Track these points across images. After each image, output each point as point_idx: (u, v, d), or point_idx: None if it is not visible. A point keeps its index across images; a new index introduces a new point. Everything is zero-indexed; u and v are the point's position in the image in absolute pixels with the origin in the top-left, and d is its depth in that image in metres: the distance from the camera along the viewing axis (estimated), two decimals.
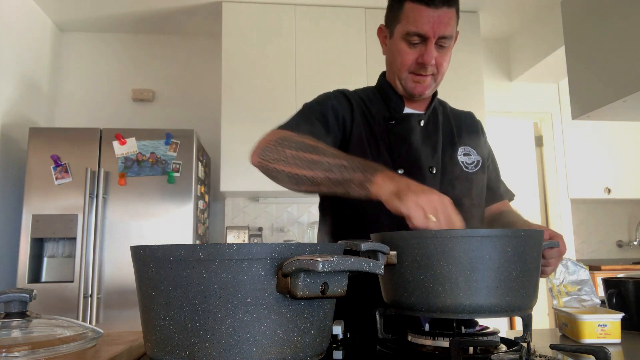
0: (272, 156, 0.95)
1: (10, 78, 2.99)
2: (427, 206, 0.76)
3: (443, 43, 1.05)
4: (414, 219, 0.75)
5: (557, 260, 0.94)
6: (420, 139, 1.12)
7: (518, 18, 3.66)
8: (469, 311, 0.71)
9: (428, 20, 1.01)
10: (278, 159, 0.94)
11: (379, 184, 0.82)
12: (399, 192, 0.79)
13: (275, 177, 0.96)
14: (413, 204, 0.76)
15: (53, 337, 0.67)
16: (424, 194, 0.77)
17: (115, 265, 2.63)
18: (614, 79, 2.35)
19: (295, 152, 0.92)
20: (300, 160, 0.91)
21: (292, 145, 0.94)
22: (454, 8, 1.04)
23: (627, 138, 3.97)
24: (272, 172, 0.96)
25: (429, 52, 1.04)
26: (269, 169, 0.96)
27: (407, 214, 0.76)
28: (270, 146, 0.96)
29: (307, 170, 0.90)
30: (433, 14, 1.01)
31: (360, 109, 1.15)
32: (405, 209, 0.76)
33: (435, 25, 1.02)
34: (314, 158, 0.90)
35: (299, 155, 0.91)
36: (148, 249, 0.54)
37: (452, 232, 0.72)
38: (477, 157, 1.17)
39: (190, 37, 3.78)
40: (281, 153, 0.94)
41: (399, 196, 0.78)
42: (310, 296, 0.50)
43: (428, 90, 1.11)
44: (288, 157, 0.92)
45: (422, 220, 0.75)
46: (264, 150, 0.97)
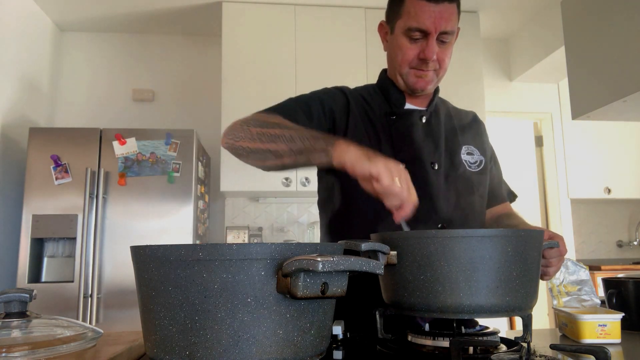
0: (238, 134, 1.00)
1: (10, 78, 2.99)
2: (394, 169, 0.80)
3: (444, 38, 1.05)
4: (383, 178, 0.78)
5: (558, 260, 0.94)
6: (422, 134, 1.11)
7: (518, 18, 3.66)
8: (469, 311, 0.71)
9: (429, 16, 1.01)
10: (243, 137, 0.98)
11: (342, 149, 0.85)
12: (368, 155, 0.82)
13: (241, 154, 1.01)
14: (383, 165, 0.79)
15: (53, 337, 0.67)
16: (391, 161, 0.81)
17: (115, 265, 2.63)
18: (614, 79, 2.35)
19: (260, 129, 0.96)
20: (264, 135, 0.95)
21: (257, 124, 0.98)
22: (455, 3, 1.04)
23: (627, 138, 3.97)
24: (238, 150, 1.00)
25: (431, 47, 1.04)
26: (236, 147, 1.00)
27: (376, 173, 0.78)
28: (237, 126, 1.01)
29: (270, 144, 0.93)
30: (434, 9, 1.01)
31: (359, 105, 1.14)
32: (375, 169, 0.79)
33: (436, 21, 1.02)
34: (277, 132, 0.94)
35: (263, 132, 0.96)
36: (148, 249, 0.54)
37: (452, 232, 0.72)
38: (480, 157, 1.17)
39: (190, 37, 3.78)
40: (246, 131, 0.98)
41: (369, 158, 0.81)
42: (310, 296, 0.50)
43: (430, 85, 1.10)
44: (253, 134, 0.97)
45: (390, 181, 0.78)
46: (231, 130, 1.02)
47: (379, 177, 0.78)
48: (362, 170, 0.81)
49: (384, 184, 0.78)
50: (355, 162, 0.82)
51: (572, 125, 3.89)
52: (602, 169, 3.89)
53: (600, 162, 3.90)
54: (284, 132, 0.93)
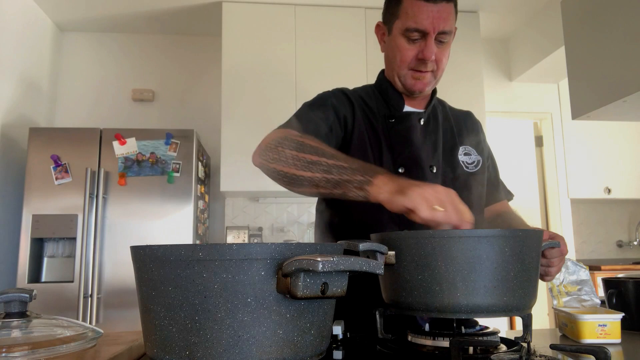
0: (272, 156, 0.94)
1: (10, 78, 2.99)
2: (432, 197, 0.75)
3: (442, 38, 1.04)
4: (420, 210, 0.73)
5: (559, 260, 0.94)
6: (421, 137, 1.11)
7: (518, 18, 3.66)
8: (467, 311, 0.71)
9: (428, 16, 1.01)
10: (277, 159, 0.93)
11: (379, 185, 0.81)
12: (401, 188, 0.77)
13: (275, 177, 0.96)
14: (418, 196, 0.74)
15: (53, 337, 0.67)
16: (429, 187, 0.76)
17: (115, 265, 2.63)
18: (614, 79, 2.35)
19: (295, 153, 0.91)
20: (299, 160, 0.90)
21: (292, 146, 0.93)
22: (452, 3, 1.04)
23: (627, 138, 3.97)
24: (272, 173, 0.95)
25: (429, 47, 1.03)
26: (270, 170, 0.95)
27: (412, 207, 0.74)
28: (270, 146, 0.96)
29: (306, 171, 0.89)
30: (432, 9, 1.01)
31: (360, 107, 1.14)
32: (410, 202, 0.74)
33: (434, 21, 1.01)
34: (313, 159, 0.89)
35: (298, 156, 0.91)
36: (148, 249, 0.54)
37: (450, 232, 0.72)
38: (477, 157, 1.17)
39: (190, 37, 3.78)
40: (281, 153, 0.93)
41: (403, 192, 0.76)
42: (310, 296, 0.50)
43: (428, 87, 1.10)
44: (287, 158, 0.92)
45: (428, 211, 0.73)
46: (264, 150, 0.96)
47: (416, 211, 0.74)
48: (398, 207, 0.77)
49: (423, 217, 0.74)
50: (390, 199, 0.78)
51: (572, 125, 3.89)
52: (602, 169, 3.89)
53: (600, 162, 3.90)
54: (321, 159, 0.88)
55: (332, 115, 1.09)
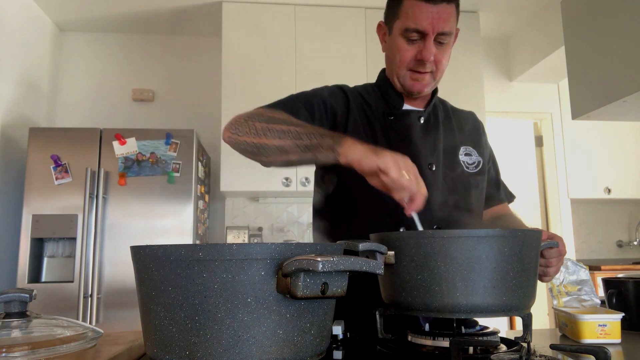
0: (242, 129, 0.97)
1: (10, 78, 2.99)
2: (402, 162, 0.80)
3: (442, 39, 1.04)
4: (391, 170, 0.79)
5: (558, 260, 0.94)
6: (420, 135, 1.11)
7: (518, 18, 3.66)
8: (466, 311, 0.71)
9: (427, 16, 1.01)
10: (247, 132, 0.96)
11: (349, 145, 0.85)
12: (374, 150, 0.83)
13: (245, 149, 0.98)
14: (390, 158, 0.80)
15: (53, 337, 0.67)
16: (399, 154, 0.82)
17: (115, 265, 2.63)
18: (614, 79, 2.35)
19: (265, 124, 0.95)
20: (270, 131, 0.93)
21: (262, 119, 0.97)
22: (453, 4, 1.03)
23: (627, 138, 3.97)
24: (241, 145, 0.98)
25: (428, 48, 1.03)
26: (239, 142, 0.98)
27: (384, 166, 0.79)
28: (240, 120, 0.99)
29: (276, 140, 0.92)
30: (432, 10, 1.01)
31: (358, 104, 1.14)
32: (383, 162, 0.79)
33: (434, 21, 1.01)
34: (283, 128, 0.93)
35: (269, 127, 0.94)
36: (148, 249, 0.54)
37: (449, 233, 0.72)
38: (478, 157, 1.17)
39: (190, 37, 3.78)
40: (251, 126, 0.96)
41: (375, 152, 0.82)
42: (310, 296, 0.50)
43: (427, 88, 1.10)
44: (257, 129, 0.95)
45: (398, 173, 0.79)
46: (234, 125, 0.99)
47: (386, 170, 0.79)
48: (369, 165, 0.81)
49: (392, 176, 0.79)
50: (363, 157, 0.82)
51: (572, 125, 3.89)
52: (602, 169, 3.89)
53: (600, 162, 3.90)
54: (290, 128, 0.92)
55: (318, 103, 1.10)
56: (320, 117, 1.09)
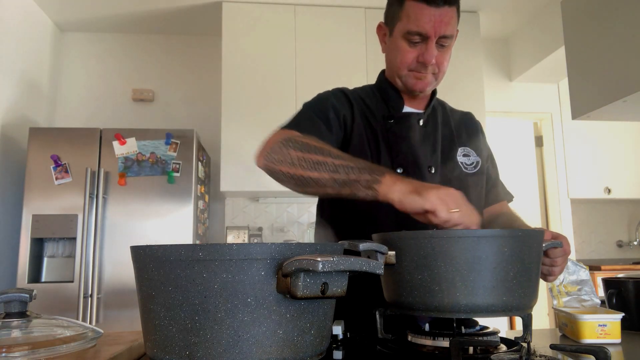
0: (277, 158, 0.93)
1: (10, 78, 2.99)
2: (448, 199, 0.77)
3: (444, 42, 1.04)
4: (440, 211, 0.75)
5: (562, 260, 0.94)
6: (420, 138, 1.11)
7: (518, 18, 3.66)
8: (466, 311, 0.71)
9: (429, 19, 1.00)
10: (283, 161, 0.92)
11: (388, 184, 0.82)
12: (417, 189, 0.79)
13: (281, 179, 0.95)
14: (436, 198, 0.76)
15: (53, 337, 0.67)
16: (443, 188, 0.78)
17: (115, 265, 2.63)
18: (614, 79, 2.35)
19: (301, 154, 0.91)
20: (306, 161, 0.90)
21: (297, 147, 0.93)
22: (455, 7, 1.03)
23: (627, 138, 3.97)
24: (277, 175, 0.95)
25: (430, 51, 1.03)
26: (275, 171, 0.95)
27: (431, 208, 0.76)
28: (275, 148, 0.95)
29: (313, 172, 0.89)
30: (434, 13, 1.00)
31: (360, 108, 1.14)
32: (429, 204, 0.76)
33: (436, 25, 1.01)
34: (319, 159, 0.89)
35: (304, 157, 0.90)
36: (148, 249, 0.54)
37: (449, 233, 0.72)
38: (476, 158, 1.17)
39: (190, 37, 3.78)
40: (286, 155, 0.92)
41: (419, 193, 0.78)
42: (310, 296, 0.50)
43: (429, 87, 1.10)
44: (293, 159, 0.91)
45: (447, 213, 0.76)
46: (268, 152, 0.96)
47: (435, 212, 0.76)
48: (414, 208, 0.78)
49: (442, 218, 0.76)
50: (405, 199, 0.79)
51: (572, 125, 3.89)
52: (602, 169, 3.89)
53: (600, 162, 3.90)
54: (327, 159, 0.89)
55: (332, 115, 1.09)
56: (337, 130, 1.09)
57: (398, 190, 0.80)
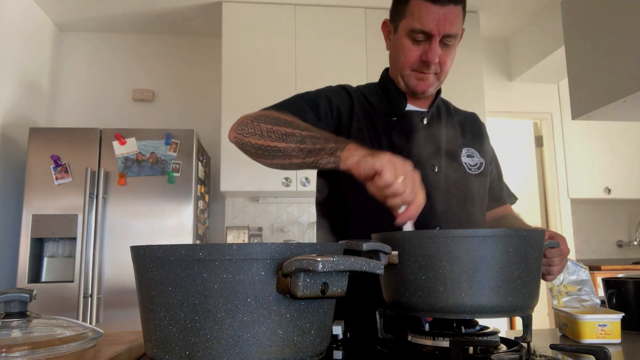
0: (247, 130, 0.97)
1: (10, 78, 2.99)
2: (399, 166, 0.77)
3: (448, 41, 1.03)
4: (385, 173, 0.75)
5: (561, 260, 0.94)
6: (423, 136, 1.11)
7: (518, 18, 3.66)
8: (471, 311, 0.71)
9: (433, 18, 1.00)
10: (252, 133, 0.96)
11: (350, 150, 0.83)
12: (372, 152, 0.80)
13: (249, 150, 0.98)
14: (387, 160, 0.77)
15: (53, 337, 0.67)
16: (398, 158, 0.79)
17: (115, 265, 2.63)
18: (614, 79, 2.35)
19: (270, 126, 0.94)
20: (274, 133, 0.93)
21: (267, 120, 0.96)
22: (460, 5, 1.02)
23: (627, 138, 3.97)
24: (245, 146, 0.98)
25: (433, 50, 1.02)
26: (244, 143, 0.97)
27: (379, 167, 0.76)
28: (247, 121, 0.98)
29: (280, 142, 0.91)
30: (439, 11, 0.99)
31: (361, 104, 1.13)
32: (379, 164, 0.76)
33: (440, 23, 1.00)
34: (288, 131, 0.92)
35: (273, 129, 0.93)
36: (148, 249, 0.54)
37: (454, 232, 0.72)
38: (480, 159, 1.17)
39: (190, 37, 3.78)
40: (256, 127, 0.96)
41: (373, 154, 0.79)
42: (310, 296, 0.50)
43: (431, 88, 1.10)
44: (262, 131, 0.94)
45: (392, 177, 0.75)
46: (240, 125, 0.99)
47: (381, 171, 0.75)
48: (365, 167, 0.78)
49: (385, 178, 0.75)
50: (360, 162, 0.79)
51: (572, 125, 3.89)
52: (602, 169, 3.89)
53: (600, 162, 3.90)
54: (295, 131, 0.91)
55: (323, 104, 1.10)
56: (326, 118, 1.09)
57: (357, 155, 0.81)
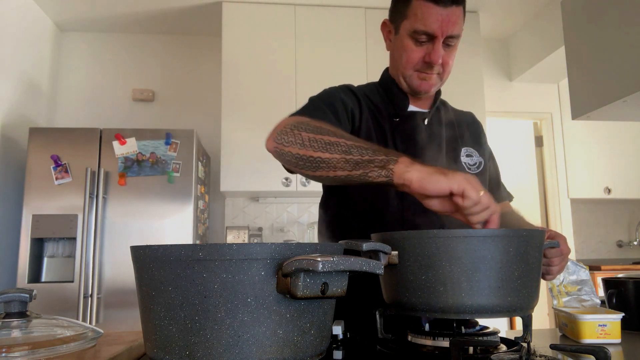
0: (288, 139, 0.89)
1: (10, 78, 2.99)
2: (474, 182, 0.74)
3: (450, 42, 1.03)
4: (470, 192, 0.72)
5: (560, 260, 0.94)
6: (425, 137, 1.11)
7: (518, 18, 3.66)
8: (471, 311, 0.71)
9: (437, 19, 0.99)
10: (293, 142, 0.88)
11: (406, 164, 0.77)
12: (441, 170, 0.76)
13: (289, 161, 0.90)
14: (463, 179, 0.73)
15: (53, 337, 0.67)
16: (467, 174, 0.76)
17: (115, 265, 2.63)
18: (614, 79, 2.35)
19: (312, 135, 0.87)
20: (317, 142, 0.86)
21: (308, 129, 0.89)
22: (461, 6, 1.02)
23: (627, 138, 3.97)
24: (286, 156, 0.90)
25: (437, 51, 1.02)
26: (284, 153, 0.90)
27: (460, 189, 0.73)
28: (286, 130, 0.91)
29: (324, 153, 0.85)
30: (442, 13, 0.99)
31: (367, 105, 1.13)
32: (457, 185, 0.73)
33: (443, 24, 0.99)
34: (332, 140, 0.85)
35: (316, 138, 0.86)
36: (148, 249, 0.54)
37: (454, 232, 0.72)
38: (479, 158, 1.17)
39: (190, 37, 3.78)
40: (297, 136, 0.88)
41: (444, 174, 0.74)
42: (310, 296, 0.50)
43: (434, 87, 1.09)
44: (304, 140, 0.87)
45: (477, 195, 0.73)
46: (279, 134, 0.91)
47: (465, 193, 0.72)
48: (438, 188, 0.73)
49: (472, 199, 0.72)
50: (427, 179, 0.74)
51: (572, 125, 3.89)
52: (602, 169, 3.89)
53: (600, 162, 3.90)
54: (340, 140, 0.84)
55: (340, 108, 1.07)
56: (345, 122, 1.06)
57: (418, 170, 0.76)
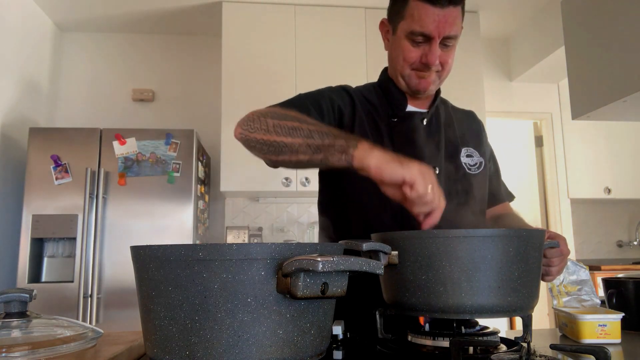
0: (253, 126, 0.94)
1: (10, 78, 2.99)
2: (427, 176, 0.76)
3: (448, 42, 1.03)
4: (419, 185, 0.75)
5: (560, 260, 0.94)
6: (424, 137, 1.10)
7: (518, 18, 3.66)
8: (471, 311, 0.71)
9: (433, 20, 0.99)
10: (258, 129, 0.92)
11: (365, 149, 0.80)
12: (399, 159, 0.78)
13: (254, 147, 0.94)
14: (418, 171, 0.75)
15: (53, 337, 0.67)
16: (424, 165, 0.78)
17: (115, 265, 2.63)
18: (614, 79, 2.35)
19: (277, 121, 0.91)
20: (281, 128, 0.89)
21: (274, 116, 0.93)
22: (459, 6, 1.02)
23: (627, 138, 3.97)
24: (251, 142, 0.94)
25: (433, 52, 1.02)
26: (249, 139, 0.94)
27: (411, 179, 0.75)
28: (253, 117, 0.96)
29: (287, 137, 0.88)
30: (439, 13, 0.99)
31: (363, 105, 1.13)
32: (410, 175, 0.75)
33: (440, 25, 0.99)
34: (295, 125, 0.89)
35: (280, 124, 0.90)
36: (148, 249, 0.54)
37: (454, 232, 0.72)
38: (479, 158, 1.16)
39: (190, 37, 3.78)
40: (262, 122, 0.93)
41: (401, 162, 0.77)
42: (310, 296, 0.50)
43: (432, 86, 1.09)
44: (269, 126, 0.91)
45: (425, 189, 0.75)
46: (246, 121, 0.96)
47: (414, 184, 0.74)
48: (393, 175, 0.76)
49: (419, 192, 0.74)
50: (384, 166, 0.77)
51: (572, 125, 3.89)
52: (602, 169, 3.89)
53: (600, 162, 3.90)
54: (302, 125, 0.88)
55: (325, 103, 1.08)
56: (329, 118, 1.07)
57: (376, 157, 0.79)
